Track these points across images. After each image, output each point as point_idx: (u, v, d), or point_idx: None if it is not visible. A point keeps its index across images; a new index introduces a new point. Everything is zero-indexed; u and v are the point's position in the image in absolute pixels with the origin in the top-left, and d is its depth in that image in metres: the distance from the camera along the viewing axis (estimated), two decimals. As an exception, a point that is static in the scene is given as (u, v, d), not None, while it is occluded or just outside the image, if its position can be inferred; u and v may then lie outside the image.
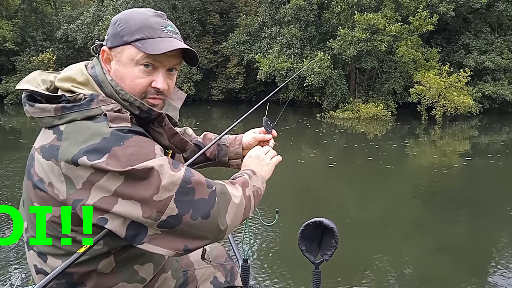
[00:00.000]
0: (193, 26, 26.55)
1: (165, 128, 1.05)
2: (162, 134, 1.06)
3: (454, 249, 5.02)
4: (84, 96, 0.97)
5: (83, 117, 0.95)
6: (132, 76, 1.02)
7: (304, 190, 7.75)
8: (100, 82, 1.02)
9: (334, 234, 1.45)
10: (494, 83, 20.87)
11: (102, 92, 1.01)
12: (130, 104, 1.01)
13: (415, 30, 19.48)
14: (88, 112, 0.95)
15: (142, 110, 1.02)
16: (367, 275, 4.28)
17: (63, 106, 0.96)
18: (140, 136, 0.96)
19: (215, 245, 1.54)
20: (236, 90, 26.69)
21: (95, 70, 1.05)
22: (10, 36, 25.85)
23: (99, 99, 0.97)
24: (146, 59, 1.01)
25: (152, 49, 0.99)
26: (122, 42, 1.01)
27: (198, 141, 1.47)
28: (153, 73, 1.04)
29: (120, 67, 1.03)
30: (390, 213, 6.41)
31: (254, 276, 4.07)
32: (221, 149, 1.47)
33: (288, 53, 21.62)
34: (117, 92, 1.01)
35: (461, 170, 9.82)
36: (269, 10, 23.00)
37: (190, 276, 1.34)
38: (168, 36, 1.03)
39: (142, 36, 1.00)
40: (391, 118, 19.43)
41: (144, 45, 1.00)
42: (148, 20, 1.03)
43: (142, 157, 0.91)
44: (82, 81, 1.01)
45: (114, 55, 1.04)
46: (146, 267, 1.12)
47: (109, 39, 1.04)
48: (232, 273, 1.48)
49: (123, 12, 1.07)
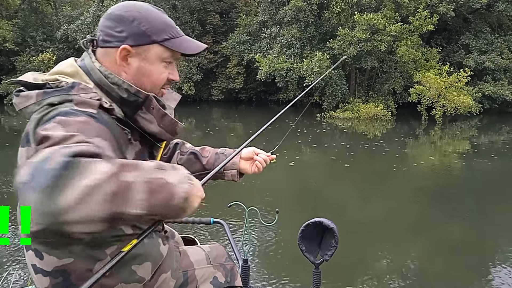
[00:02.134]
0: (193, 26, 26.55)
1: (153, 111, 1.05)
2: (152, 120, 1.06)
3: (454, 249, 5.01)
4: (67, 83, 0.98)
5: (60, 101, 0.94)
6: (158, 71, 1.09)
7: (304, 190, 7.75)
8: (89, 70, 1.04)
9: (334, 234, 1.45)
10: (494, 83, 20.88)
11: (91, 81, 1.02)
12: (118, 87, 1.03)
13: (415, 30, 19.49)
14: (66, 97, 0.95)
15: (130, 93, 1.03)
16: (367, 275, 4.29)
17: (45, 91, 0.97)
18: (96, 123, 0.91)
19: (215, 245, 1.54)
20: (236, 90, 26.69)
21: (84, 61, 1.06)
22: (10, 36, 25.85)
23: (80, 87, 0.98)
24: (172, 57, 1.10)
25: (186, 48, 1.10)
26: (150, 41, 1.06)
27: (196, 150, 1.46)
28: (169, 66, 1.12)
29: (146, 64, 1.07)
30: (390, 213, 6.41)
31: (254, 276, 4.07)
32: (219, 157, 1.44)
33: (288, 53, 21.63)
34: (106, 76, 1.03)
35: (461, 170, 9.83)
36: (268, 10, 23.02)
37: (190, 276, 1.34)
38: (183, 34, 1.13)
39: (169, 36, 1.08)
40: (391, 118, 19.43)
41: (174, 45, 1.08)
42: (165, 19, 1.10)
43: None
44: (70, 72, 1.03)
45: (138, 53, 1.05)
46: (144, 266, 1.12)
47: (131, 37, 1.04)
48: (232, 273, 1.48)
49: (125, 6, 1.07)
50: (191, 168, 1.42)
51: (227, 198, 2.36)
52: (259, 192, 7.11)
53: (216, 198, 5.99)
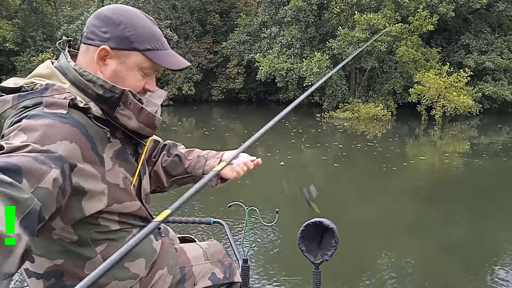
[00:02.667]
0: (193, 26, 26.55)
1: (130, 106, 1.04)
2: (130, 116, 1.05)
3: (454, 249, 5.02)
4: (41, 85, 0.99)
5: (34, 103, 0.95)
6: (134, 79, 1.08)
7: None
8: (64, 70, 1.04)
9: (334, 234, 1.45)
10: (494, 83, 20.87)
11: (67, 81, 1.03)
12: (94, 84, 1.02)
13: (415, 30, 19.48)
14: (39, 99, 0.96)
15: (105, 89, 1.02)
16: (367, 275, 4.29)
17: (19, 95, 0.98)
18: (63, 124, 0.91)
19: (212, 242, 1.53)
20: (236, 90, 26.66)
21: (60, 61, 1.07)
22: (10, 36, 25.85)
23: (53, 88, 0.99)
24: (151, 68, 1.10)
25: (167, 63, 1.09)
26: (131, 48, 1.05)
27: (181, 153, 1.43)
28: (147, 77, 1.12)
29: (123, 69, 1.06)
30: (390, 213, 6.41)
31: (254, 276, 4.07)
32: (199, 160, 1.41)
33: (288, 53, 21.63)
34: (81, 74, 1.02)
35: (461, 170, 9.83)
36: (268, 10, 23.01)
37: (187, 272, 1.34)
38: (169, 48, 1.13)
39: (152, 47, 1.07)
40: (391, 118, 19.43)
41: (156, 56, 1.07)
42: (153, 29, 1.09)
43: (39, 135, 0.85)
44: (46, 74, 1.04)
45: (117, 56, 1.05)
46: (138, 263, 1.12)
47: (113, 40, 1.03)
48: (231, 270, 1.47)
49: (116, 9, 1.06)
50: (174, 171, 1.42)
51: (227, 198, 2.36)
52: (259, 192, 7.11)
53: (216, 198, 5.99)
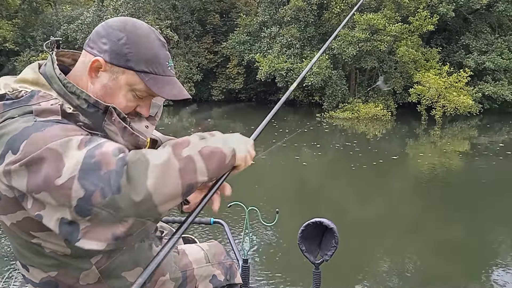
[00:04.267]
0: (193, 26, 26.55)
1: (115, 123, 0.99)
2: (116, 133, 0.99)
3: (454, 249, 5.02)
4: (26, 92, 0.94)
5: (21, 113, 0.90)
6: (124, 98, 1.02)
7: (304, 190, 7.75)
8: (49, 77, 0.99)
9: (334, 234, 1.45)
10: (494, 83, 20.86)
11: (53, 89, 0.98)
12: (78, 97, 0.97)
13: (415, 30, 19.49)
14: (27, 108, 0.90)
15: (89, 103, 0.97)
16: (367, 275, 4.29)
17: (4, 103, 0.92)
18: (69, 125, 0.90)
19: (213, 243, 1.52)
20: (236, 90, 26.67)
21: (46, 67, 1.02)
22: (10, 36, 25.88)
23: (39, 95, 0.94)
24: (146, 92, 1.03)
25: (160, 90, 1.01)
26: (126, 66, 0.99)
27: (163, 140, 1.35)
28: (141, 100, 1.05)
29: (113, 85, 1.01)
30: (390, 213, 6.41)
31: (254, 277, 4.06)
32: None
33: (288, 53, 21.62)
34: (64, 85, 0.97)
35: (461, 170, 9.83)
36: (268, 10, 23.01)
37: (188, 276, 1.33)
38: (172, 75, 1.05)
39: (150, 70, 1.01)
40: (391, 118, 19.43)
41: (150, 81, 1.00)
42: (157, 52, 1.02)
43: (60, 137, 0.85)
44: (32, 79, 0.99)
45: (110, 70, 1.00)
46: (136, 272, 1.10)
47: (109, 53, 0.99)
48: (231, 271, 1.47)
49: (125, 23, 1.02)
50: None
51: (227, 198, 2.36)
52: (259, 192, 7.11)
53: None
